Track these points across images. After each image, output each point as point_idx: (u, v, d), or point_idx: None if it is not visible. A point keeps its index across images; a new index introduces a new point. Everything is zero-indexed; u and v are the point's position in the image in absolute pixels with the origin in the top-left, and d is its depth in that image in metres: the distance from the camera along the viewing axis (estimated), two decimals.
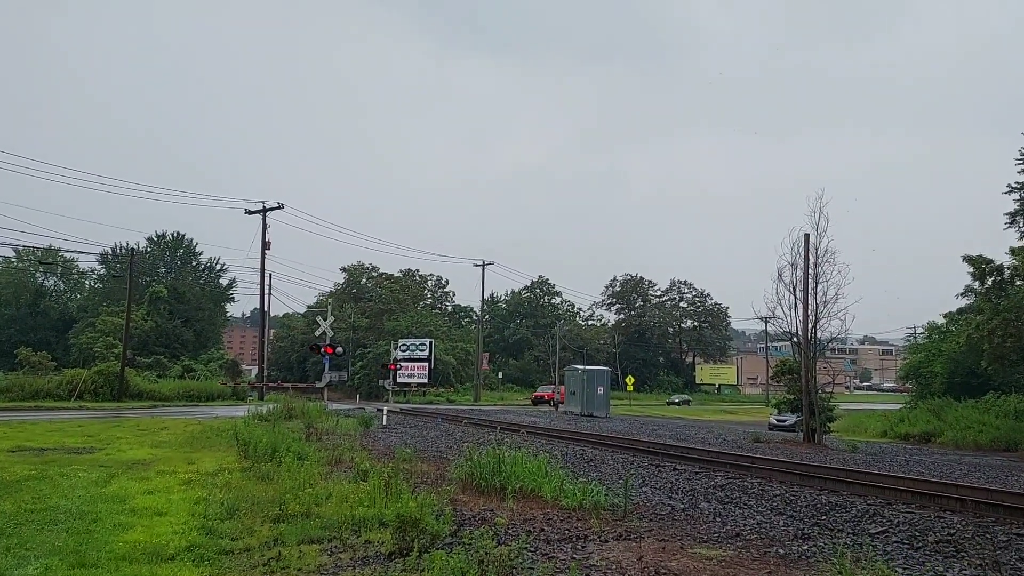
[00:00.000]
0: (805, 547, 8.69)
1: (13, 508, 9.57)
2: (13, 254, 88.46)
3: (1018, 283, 34.35)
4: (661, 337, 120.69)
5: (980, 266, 35.65)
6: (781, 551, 8.46)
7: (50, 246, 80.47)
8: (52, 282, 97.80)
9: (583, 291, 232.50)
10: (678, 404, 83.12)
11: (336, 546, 8.06)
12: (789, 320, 29.13)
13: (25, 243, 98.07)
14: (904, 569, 7.62)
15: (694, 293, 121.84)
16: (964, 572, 7.65)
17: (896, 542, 9.16)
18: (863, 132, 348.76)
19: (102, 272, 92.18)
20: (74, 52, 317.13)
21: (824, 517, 10.89)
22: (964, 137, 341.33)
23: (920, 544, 9.05)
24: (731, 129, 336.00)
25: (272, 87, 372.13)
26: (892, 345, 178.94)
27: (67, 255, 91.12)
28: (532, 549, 7.94)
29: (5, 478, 11.98)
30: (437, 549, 7.30)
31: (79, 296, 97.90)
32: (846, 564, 6.57)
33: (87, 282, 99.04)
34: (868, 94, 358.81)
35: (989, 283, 35.99)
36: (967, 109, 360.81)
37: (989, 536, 9.56)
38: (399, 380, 71.55)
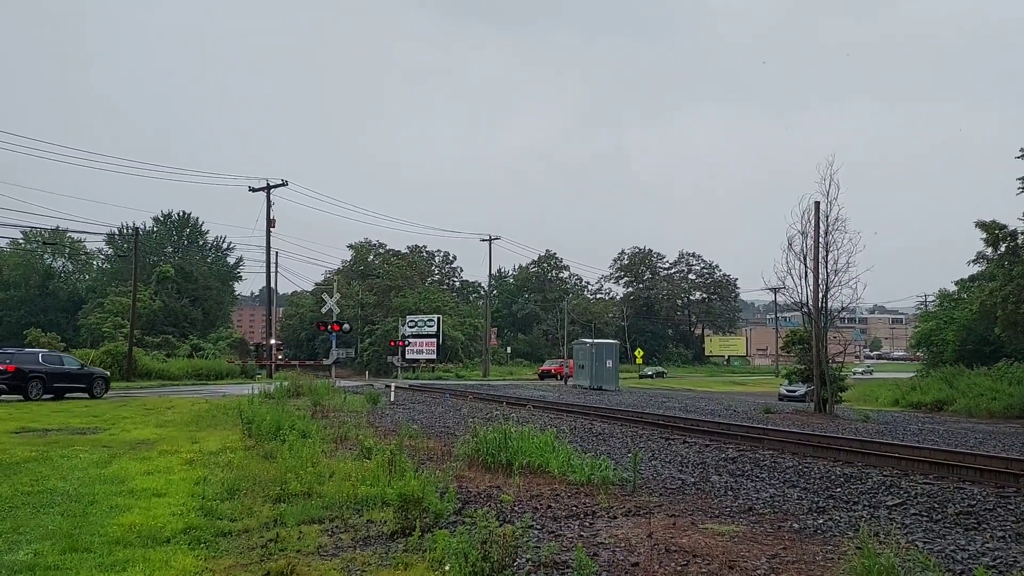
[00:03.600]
0: (820, 521, 8.43)
1: (9, 491, 9.40)
2: (21, 236, 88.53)
3: None
4: (670, 310, 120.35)
5: (993, 232, 35.09)
6: (796, 525, 8.20)
7: (57, 227, 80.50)
8: (60, 263, 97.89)
9: (591, 265, 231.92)
10: (652, 376, 79.87)
11: (337, 526, 7.85)
12: (799, 290, 28.76)
13: (33, 225, 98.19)
14: (925, 543, 7.35)
15: (703, 265, 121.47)
16: (987, 545, 7.38)
17: (915, 514, 8.89)
18: (870, 103, 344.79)
19: (109, 253, 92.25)
20: (80, 34, 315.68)
21: (839, 489, 10.63)
22: (974, 106, 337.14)
23: (940, 516, 8.78)
24: (738, 102, 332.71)
25: (273, 68, 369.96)
26: (902, 314, 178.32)
27: (74, 236, 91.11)
28: (538, 527, 7.71)
29: (5, 460, 11.83)
30: (440, 528, 7.07)
31: (88, 277, 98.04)
32: (864, 538, 6.29)
33: (95, 263, 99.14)
34: (875, 64, 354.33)
35: (1002, 249, 35.45)
36: (976, 76, 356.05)
37: (1011, 507, 9.28)
38: (407, 356, 71.53)
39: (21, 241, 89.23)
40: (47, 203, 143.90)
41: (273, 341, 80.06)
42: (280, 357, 72.92)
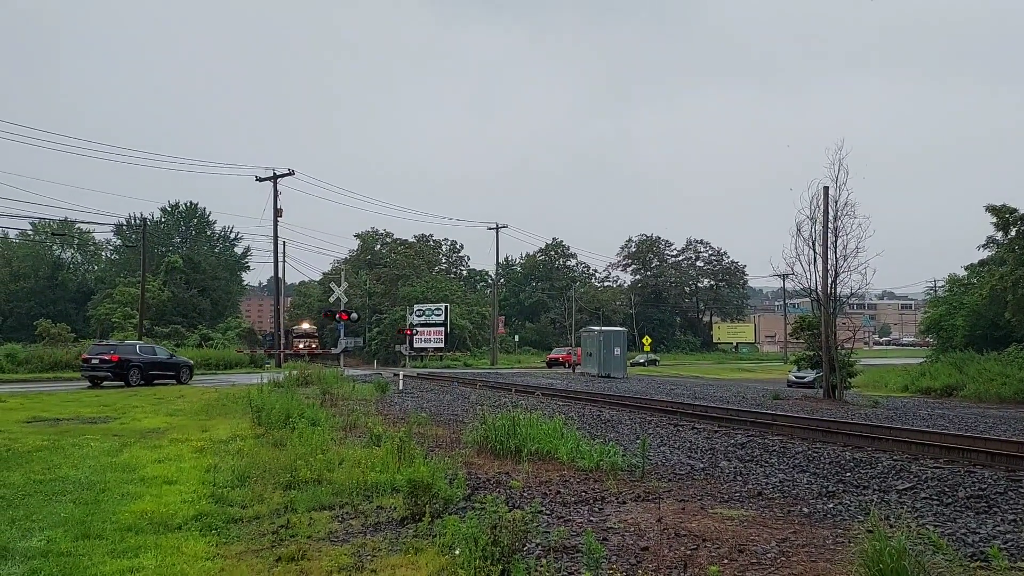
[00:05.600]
0: (830, 505, 8.42)
1: (22, 479, 9.46)
2: (30, 227, 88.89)
3: None
4: (678, 297, 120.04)
5: (1003, 216, 34.89)
6: (805, 510, 8.20)
7: (66, 219, 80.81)
8: (70, 254, 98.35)
9: (598, 253, 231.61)
10: (644, 364, 76.27)
11: (347, 512, 7.88)
12: (808, 276, 28.61)
13: (41, 216, 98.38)
14: (935, 526, 7.32)
15: (710, 252, 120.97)
16: (998, 528, 7.36)
17: (925, 498, 8.87)
18: (880, 85, 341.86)
19: (118, 243, 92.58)
20: (87, 24, 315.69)
21: (849, 474, 10.61)
22: (987, 89, 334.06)
23: (950, 500, 8.75)
24: (744, 87, 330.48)
25: (279, 57, 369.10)
26: (911, 299, 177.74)
27: (83, 227, 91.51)
28: (548, 512, 7.73)
29: (17, 449, 11.91)
30: (450, 514, 7.08)
31: (96, 268, 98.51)
32: (875, 522, 6.28)
33: (104, 253, 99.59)
34: (885, 44, 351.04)
35: (1013, 233, 35.25)
36: (990, 60, 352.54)
37: (1022, 491, 9.24)
38: (415, 345, 71.65)
39: (30, 232, 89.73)
40: (55, 194, 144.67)
41: (305, 326, 78.84)
42: (314, 346, 71.35)
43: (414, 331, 70.81)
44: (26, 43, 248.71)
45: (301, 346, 69.50)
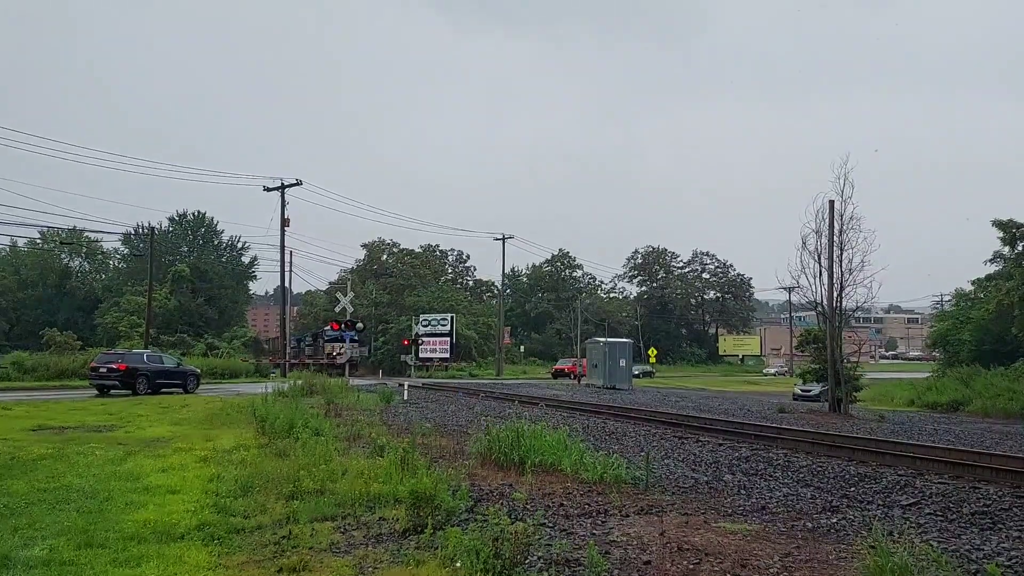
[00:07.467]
0: (834, 520, 8.39)
1: (26, 488, 9.50)
2: (38, 236, 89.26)
3: None
4: (684, 309, 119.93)
5: (1010, 230, 34.82)
6: (809, 524, 8.17)
7: (74, 227, 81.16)
8: (77, 263, 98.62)
9: (604, 264, 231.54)
10: (639, 376, 70.62)
11: (349, 523, 7.88)
12: (814, 289, 28.58)
13: (50, 224, 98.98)
14: (939, 542, 7.29)
15: (717, 264, 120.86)
16: (1002, 545, 7.32)
17: (929, 514, 8.84)
18: (884, 97, 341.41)
19: (126, 252, 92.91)
20: (91, 30, 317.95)
21: (853, 489, 10.57)
22: (992, 100, 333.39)
23: (955, 516, 8.72)
24: (750, 97, 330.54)
25: (286, 66, 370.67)
26: (918, 314, 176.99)
27: (91, 236, 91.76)
28: (550, 525, 7.71)
29: (22, 457, 11.96)
30: (452, 526, 7.09)
31: (104, 276, 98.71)
32: (878, 537, 6.25)
33: (111, 262, 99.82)
34: (890, 56, 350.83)
35: (1019, 248, 35.19)
36: (995, 70, 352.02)
37: None
38: (421, 355, 71.51)
39: (39, 241, 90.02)
40: (64, 203, 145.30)
41: (347, 320, 73.56)
42: (344, 350, 63.96)
43: (420, 341, 70.79)
44: (33, 44, 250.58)
45: (335, 353, 63.53)
